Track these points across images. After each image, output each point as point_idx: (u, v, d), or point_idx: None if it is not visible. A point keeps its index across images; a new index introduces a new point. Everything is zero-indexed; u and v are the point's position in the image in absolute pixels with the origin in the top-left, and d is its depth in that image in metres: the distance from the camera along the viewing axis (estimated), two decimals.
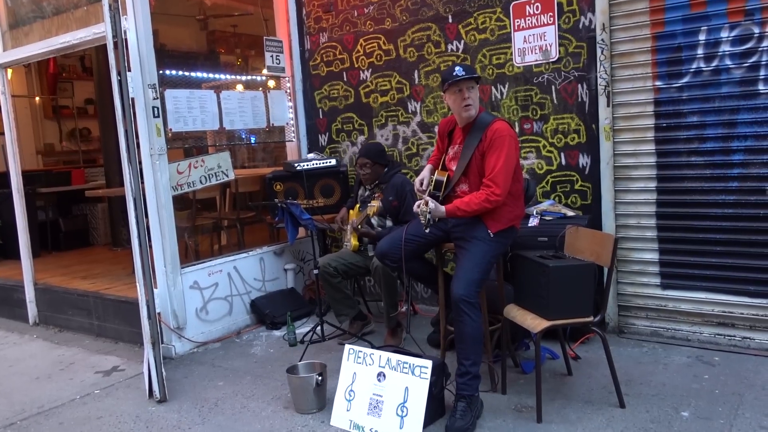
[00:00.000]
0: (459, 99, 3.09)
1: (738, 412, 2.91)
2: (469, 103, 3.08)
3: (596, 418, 2.95)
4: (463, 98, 3.08)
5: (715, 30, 3.56)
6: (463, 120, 3.17)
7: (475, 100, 3.10)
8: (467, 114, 3.11)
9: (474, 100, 3.09)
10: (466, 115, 3.12)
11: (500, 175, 2.97)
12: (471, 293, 2.95)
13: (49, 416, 3.45)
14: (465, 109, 3.10)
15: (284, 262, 5.15)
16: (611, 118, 3.91)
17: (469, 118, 3.13)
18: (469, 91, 3.08)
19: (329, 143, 5.39)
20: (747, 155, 3.57)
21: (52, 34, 4.84)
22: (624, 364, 3.50)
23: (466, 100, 3.08)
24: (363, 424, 2.97)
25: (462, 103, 3.09)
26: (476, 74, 3.11)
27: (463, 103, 3.09)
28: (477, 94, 3.14)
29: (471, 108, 3.09)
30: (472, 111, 3.11)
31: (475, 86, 3.11)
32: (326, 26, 5.22)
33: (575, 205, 4.15)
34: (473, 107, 3.10)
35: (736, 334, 3.68)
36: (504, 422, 2.98)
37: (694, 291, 3.79)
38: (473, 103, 3.09)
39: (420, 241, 3.33)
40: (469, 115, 3.11)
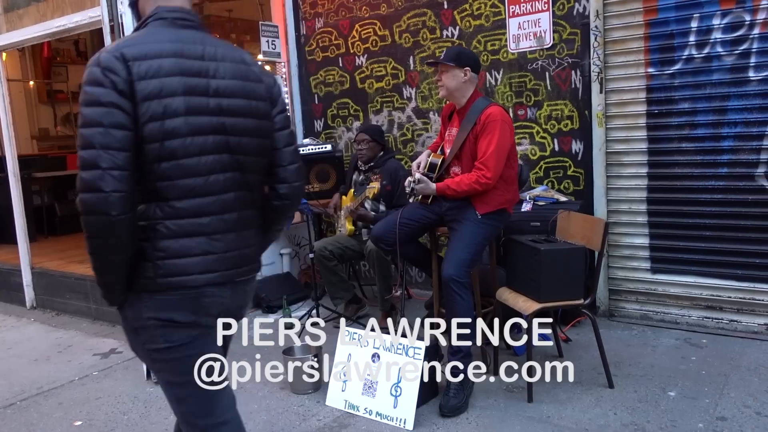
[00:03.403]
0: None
1: (723, 392, 2.98)
2: (440, 85, 3.25)
3: (585, 398, 3.02)
4: (437, 79, 3.29)
5: (707, 17, 3.60)
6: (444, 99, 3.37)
7: (446, 81, 3.19)
8: (440, 94, 3.31)
9: (445, 82, 3.20)
10: (440, 95, 3.33)
11: (491, 159, 3.02)
12: (461, 273, 3.01)
13: (49, 397, 3.51)
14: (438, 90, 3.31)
15: (280, 247, 5.19)
16: (604, 104, 3.95)
17: (445, 98, 3.34)
18: (444, 73, 3.20)
19: (325, 129, 5.42)
20: (736, 141, 3.62)
21: (47, 18, 4.84)
22: (614, 346, 3.57)
23: (438, 81, 3.26)
24: (358, 404, 3.03)
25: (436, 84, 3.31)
26: (445, 59, 3.17)
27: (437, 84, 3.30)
28: (456, 76, 3.17)
29: (441, 89, 3.26)
30: (442, 92, 3.27)
31: (450, 70, 3.17)
32: (322, 11, 5.23)
33: (568, 191, 4.20)
34: (443, 87, 3.23)
35: (723, 317, 3.75)
36: (495, 402, 3.05)
37: (683, 275, 3.86)
38: (444, 84, 3.21)
39: (414, 225, 3.38)
40: (442, 95, 3.30)
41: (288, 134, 1.79)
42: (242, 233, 1.69)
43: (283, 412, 3.11)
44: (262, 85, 1.70)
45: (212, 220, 1.60)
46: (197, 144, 1.55)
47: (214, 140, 1.59)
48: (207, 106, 1.57)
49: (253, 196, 1.73)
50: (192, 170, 1.55)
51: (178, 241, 1.56)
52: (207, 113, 1.57)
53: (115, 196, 1.44)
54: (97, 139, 1.44)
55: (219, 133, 1.60)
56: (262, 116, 1.69)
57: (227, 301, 1.68)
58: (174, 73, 1.52)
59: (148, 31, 1.60)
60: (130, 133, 1.47)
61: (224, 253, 1.63)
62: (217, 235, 1.61)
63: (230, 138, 1.62)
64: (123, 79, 1.47)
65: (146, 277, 1.56)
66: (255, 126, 1.68)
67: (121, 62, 1.47)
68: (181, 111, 1.52)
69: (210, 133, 1.58)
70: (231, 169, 1.63)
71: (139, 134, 1.48)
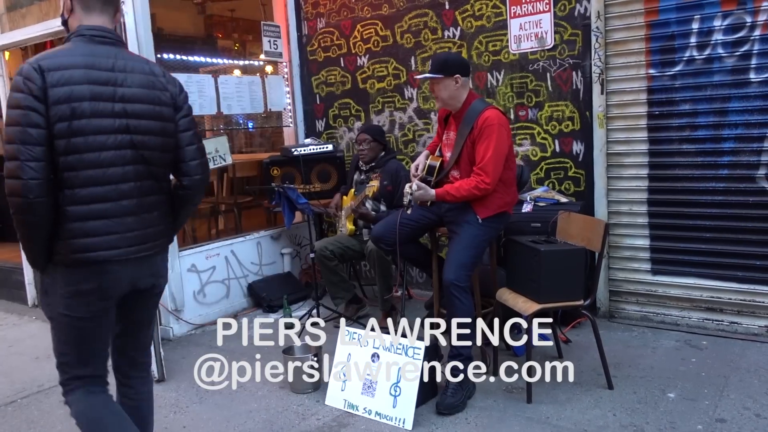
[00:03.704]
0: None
1: (723, 394, 2.99)
2: (436, 96, 3.26)
3: (585, 399, 3.02)
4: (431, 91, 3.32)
5: (708, 18, 3.60)
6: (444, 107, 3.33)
7: (440, 92, 3.19)
8: (437, 105, 3.34)
9: (440, 93, 3.20)
10: (437, 105, 3.36)
11: (490, 164, 3.02)
12: (461, 277, 3.01)
13: (49, 394, 3.51)
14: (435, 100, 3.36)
15: (281, 247, 5.20)
16: (605, 105, 3.95)
17: (444, 107, 3.30)
18: (435, 85, 3.20)
19: (326, 129, 5.43)
20: (737, 143, 3.62)
21: (50, 17, 4.86)
22: (613, 347, 3.58)
23: (432, 93, 3.29)
24: (357, 404, 3.04)
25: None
26: (432, 72, 3.16)
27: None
28: (448, 86, 3.16)
29: (438, 100, 3.27)
30: (439, 103, 3.29)
31: (440, 81, 3.16)
32: (324, 11, 5.24)
33: (569, 192, 4.20)
34: (439, 99, 3.25)
35: (723, 319, 3.75)
36: (495, 402, 3.05)
37: (683, 277, 3.86)
38: (438, 95, 3.22)
39: (414, 225, 3.39)
40: (439, 106, 3.32)
41: (191, 135, 2.08)
42: (143, 216, 1.99)
43: (282, 411, 3.12)
44: (167, 93, 2.02)
45: (112, 205, 1.91)
46: (99, 141, 1.86)
47: (116, 138, 1.90)
48: (112, 110, 1.88)
49: (160, 185, 2.06)
50: (92, 163, 1.86)
51: (84, 223, 1.87)
52: (111, 116, 1.88)
53: (32, 182, 1.76)
54: (18, 136, 1.76)
55: (122, 132, 1.91)
56: (166, 119, 2.01)
57: (131, 273, 1.99)
58: (82, 82, 1.83)
59: (68, 46, 1.93)
60: (44, 131, 1.78)
61: (124, 233, 1.94)
62: (116, 218, 1.92)
63: (134, 137, 1.93)
64: (38, 86, 1.78)
65: (60, 254, 1.89)
66: (159, 127, 1.99)
67: (38, 72, 1.79)
68: (87, 113, 1.83)
69: (112, 133, 1.89)
70: (134, 162, 1.94)
71: (51, 132, 1.79)
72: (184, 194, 2.12)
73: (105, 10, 1.98)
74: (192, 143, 2.08)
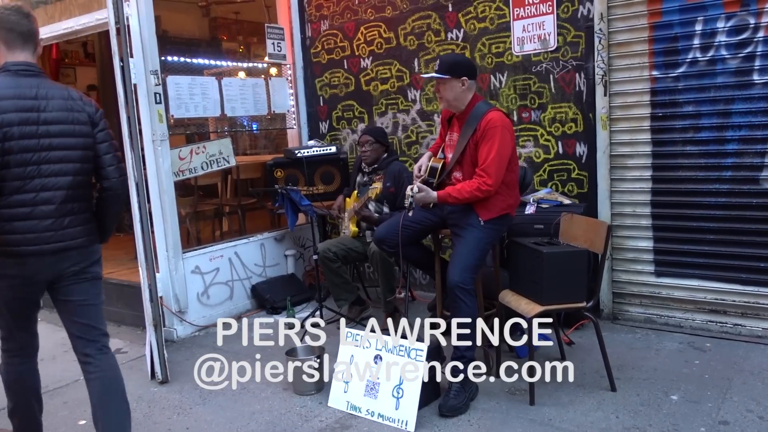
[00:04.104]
0: None
1: (726, 396, 2.98)
2: (439, 97, 3.26)
3: (587, 401, 3.02)
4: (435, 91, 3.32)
5: (711, 20, 3.59)
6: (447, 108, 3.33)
7: (445, 93, 3.20)
8: (441, 105, 3.34)
9: (445, 93, 3.20)
10: (441, 106, 3.34)
11: (492, 166, 3.02)
12: (466, 279, 3.01)
13: (54, 396, 3.53)
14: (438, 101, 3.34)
15: (285, 248, 5.21)
16: (608, 107, 3.94)
17: (448, 108, 3.30)
18: (441, 85, 3.20)
19: (330, 130, 5.44)
20: (741, 145, 3.61)
21: (55, 20, 4.88)
22: (617, 349, 3.57)
23: (437, 93, 3.27)
24: (360, 405, 3.04)
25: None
26: (439, 72, 3.16)
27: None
28: (454, 87, 3.16)
29: (441, 101, 3.27)
30: (443, 104, 3.29)
31: (447, 82, 3.16)
32: (327, 14, 5.25)
33: (572, 194, 4.20)
34: (443, 100, 3.24)
35: (727, 321, 3.74)
36: (498, 404, 3.05)
37: (687, 278, 3.85)
38: (443, 96, 3.22)
39: (417, 227, 3.39)
40: (443, 106, 3.32)
41: (107, 145, 2.46)
42: (61, 219, 2.35)
43: (285, 413, 3.13)
44: (84, 113, 2.40)
45: (31, 210, 2.29)
46: (25, 158, 2.26)
47: (39, 155, 2.29)
48: (36, 131, 2.27)
49: (80, 192, 2.41)
50: (19, 176, 2.26)
51: (12, 224, 2.28)
52: (36, 137, 2.27)
53: None
54: None
55: (46, 150, 2.29)
56: (84, 135, 2.39)
57: (51, 265, 2.37)
58: (12, 110, 2.23)
59: None
60: None
61: (42, 233, 2.31)
62: (36, 220, 2.29)
63: (56, 152, 2.32)
64: None
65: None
66: (79, 142, 2.38)
67: None
68: (16, 136, 2.23)
69: (37, 151, 2.28)
70: (55, 174, 2.32)
71: None
72: (106, 196, 2.48)
73: (26, 48, 2.36)
74: (109, 152, 2.45)
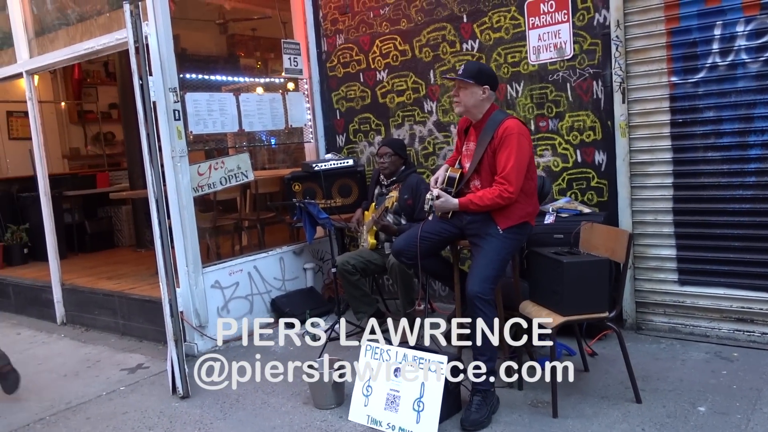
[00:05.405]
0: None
1: (756, 407, 2.90)
2: (456, 101, 3.23)
3: (612, 413, 2.96)
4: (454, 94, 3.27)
5: (730, 24, 3.55)
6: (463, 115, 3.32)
7: (464, 98, 3.18)
8: (456, 110, 3.30)
9: (463, 99, 3.19)
10: (456, 111, 3.31)
11: (512, 173, 3.01)
12: (485, 290, 2.99)
13: (77, 412, 3.56)
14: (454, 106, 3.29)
15: (304, 262, 5.22)
16: (627, 114, 3.90)
17: (461, 114, 3.30)
18: (462, 90, 3.19)
19: (347, 144, 5.45)
20: (764, 150, 3.54)
21: (77, 41, 4.98)
22: (641, 360, 3.51)
23: (455, 97, 3.24)
24: (380, 419, 3.02)
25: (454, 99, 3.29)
26: (464, 76, 3.15)
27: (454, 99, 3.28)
28: (475, 93, 3.16)
29: (458, 105, 3.24)
30: (458, 108, 3.26)
31: (469, 87, 3.15)
32: (342, 28, 5.29)
33: (591, 202, 4.15)
34: (461, 104, 3.22)
35: (755, 330, 3.66)
36: (520, 417, 3.01)
37: (712, 287, 3.78)
38: (461, 101, 3.20)
39: (435, 238, 3.37)
40: (458, 111, 3.28)
41: None
42: None
43: (306, 427, 3.11)
44: None
45: None
46: None
47: None
48: None
49: None
50: None
51: None
52: None
53: None
54: None
55: None
56: None
57: None
58: None
59: None
60: None
61: None
62: None
63: None
64: None
65: None
66: None
67: None
68: None
69: None
70: None
71: None
72: None
73: None
74: None
